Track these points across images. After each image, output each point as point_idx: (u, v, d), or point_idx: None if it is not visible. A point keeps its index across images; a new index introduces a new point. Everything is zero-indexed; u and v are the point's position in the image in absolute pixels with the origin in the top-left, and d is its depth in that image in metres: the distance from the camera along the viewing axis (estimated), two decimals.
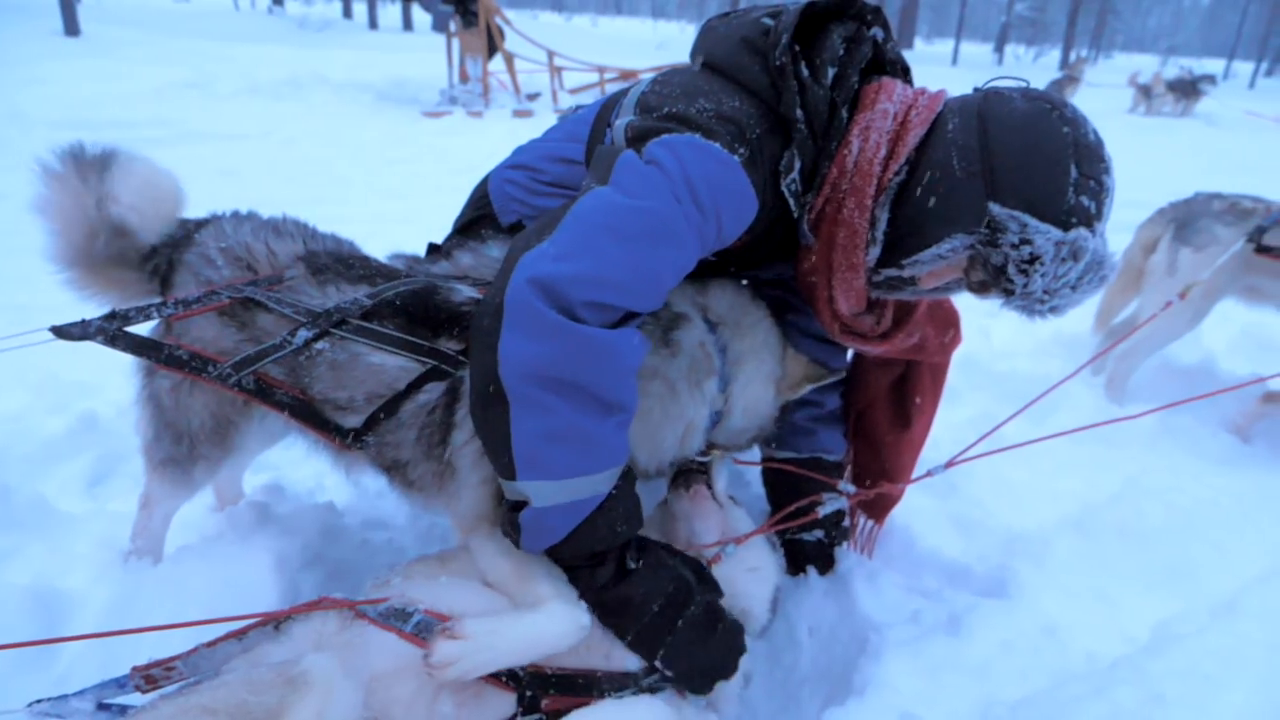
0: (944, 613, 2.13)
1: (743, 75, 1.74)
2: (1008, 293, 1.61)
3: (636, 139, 1.66)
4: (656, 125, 1.65)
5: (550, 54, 13.49)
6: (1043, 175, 1.53)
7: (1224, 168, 11.25)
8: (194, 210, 2.03)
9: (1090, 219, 1.53)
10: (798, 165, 1.71)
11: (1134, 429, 3.39)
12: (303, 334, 1.81)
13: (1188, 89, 19.37)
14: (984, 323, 4.32)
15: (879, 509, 2.47)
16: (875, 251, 1.74)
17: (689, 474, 2.01)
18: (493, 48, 12.47)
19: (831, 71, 1.73)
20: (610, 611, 1.61)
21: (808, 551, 2.37)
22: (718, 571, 1.80)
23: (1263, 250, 3.38)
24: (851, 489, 2.26)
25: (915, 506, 2.66)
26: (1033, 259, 1.53)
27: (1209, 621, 1.99)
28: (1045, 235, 1.51)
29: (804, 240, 1.84)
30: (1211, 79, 19.42)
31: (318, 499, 2.55)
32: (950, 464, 2.31)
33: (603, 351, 1.47)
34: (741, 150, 1.63)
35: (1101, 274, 1.59)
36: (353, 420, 1.85)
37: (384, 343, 1.80)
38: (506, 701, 1.55)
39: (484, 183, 2.33)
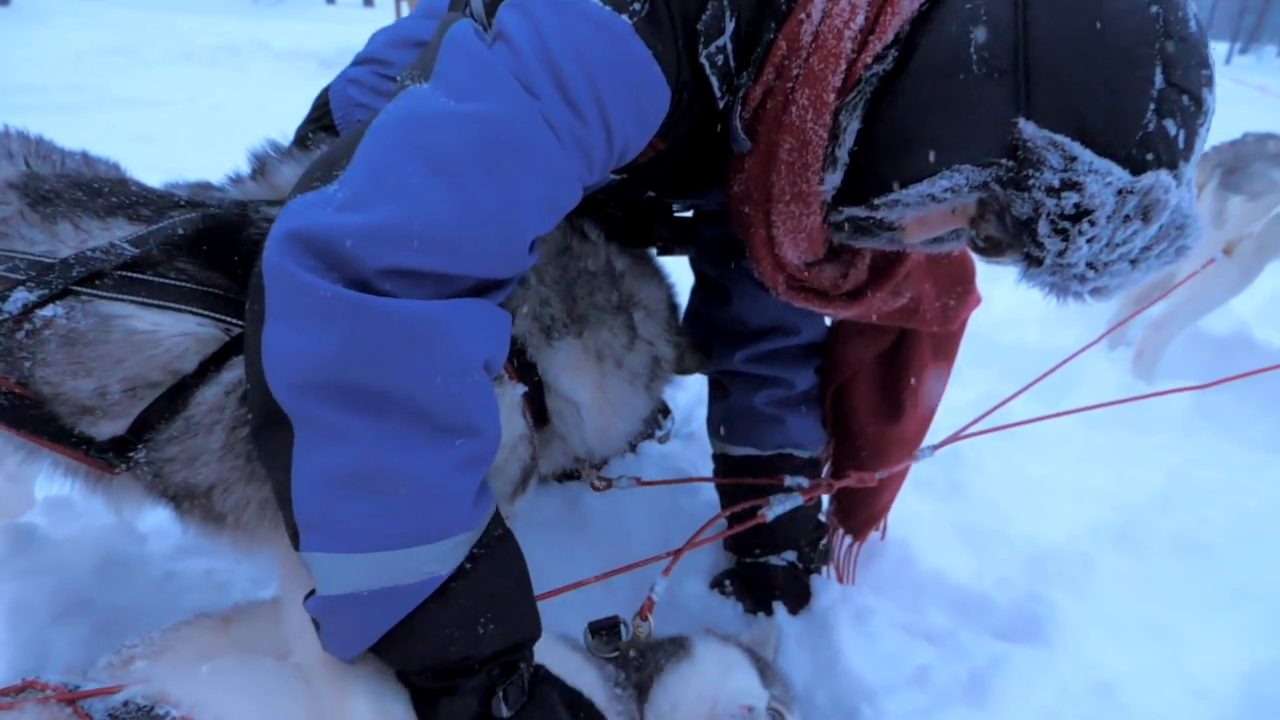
0: (961, 669, 1.55)
1: None
2: (1033, 260, 1.05)
3: (494, 2, 1.11)
4: None
5: None
6: (1108, 81, 0.97)
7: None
8: None
9: (1175, 157, 0.98)
10: (729, 27, 1.12)
11: (1165, 412, 2.88)
12: (19, 297, 1.18)
13: None
14: (983, 288, 3.73)
15: (858, 519, 1.88)
16: (835, 178, 1.15)
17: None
18: None
19: None
20: None
21: (774, 580, 1.77)
22: None
23: None
24: (804, 482, 1.67)
25: (910, 514, 2.07)
26: (1080, 213, 0.98)
27: None
28: (1103, 178, 0.96)
29: (736, 146, 1.24)
30: None
31: (110, 518, 1.91)
32: (940, 445, 1.78)
33: (421, 335, 0.92)
34: (636, 5, 1.04)
35: (1181, 243, 1.03)
36: (110, 427, 1.21)
37: (157, 298, 1.18)
38: None
39: (326, 89, 1.72)
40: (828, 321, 1.77)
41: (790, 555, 1.79)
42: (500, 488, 1.30)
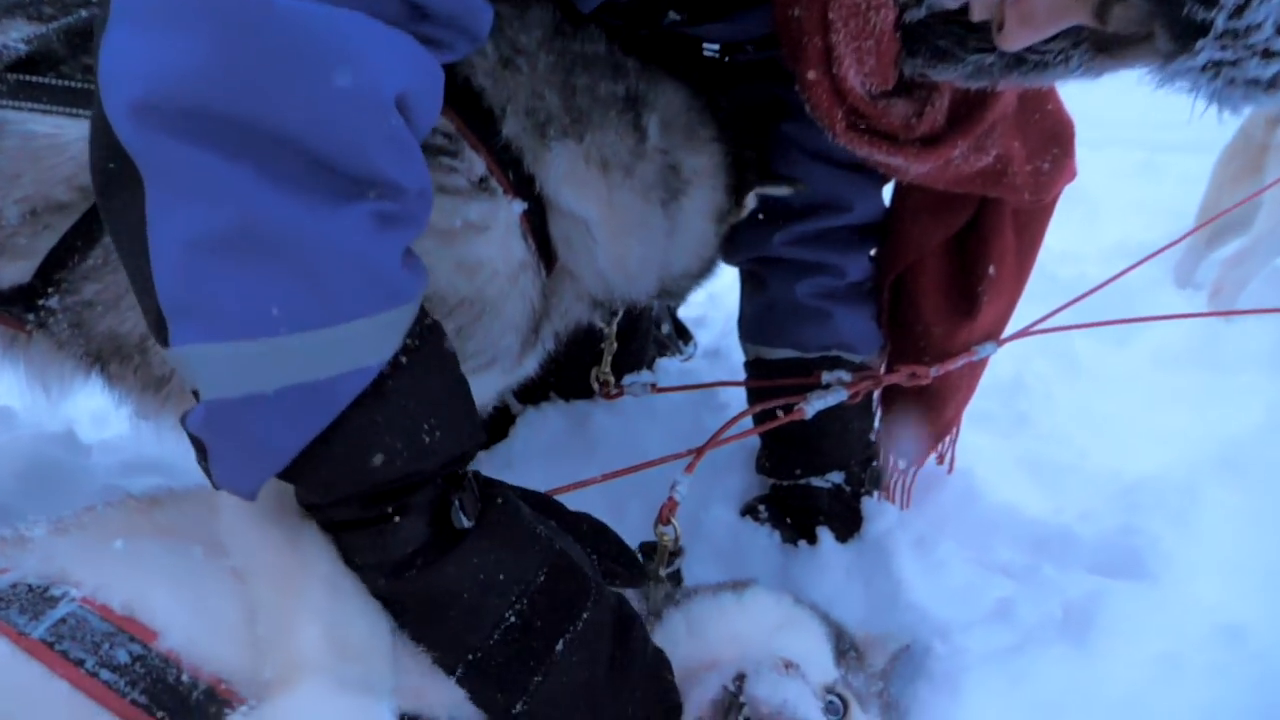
0: (1053, 604, 1.26)
1: None
2: (1193, 31, 0.76)
3: None
4: None
5: None
6: None
7: None
8: None
9: None
10: None
11: (1249, 350, 2.57)
12: None
13: None
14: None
15: (915, 440, 1.60)
16: None
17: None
18: None
19: None
20: (419, 617, 0.79)
21: (817, 503, 1.49)
22: None
23: None
24: (847, 377, 1.40)
25: (969, 446, 1.77)
26: None
27: None
28: None
29: None
30: None
31: (54, 426, 1.66)
32: (1009, 339, 1.55)
33: (316, 48, 0.69)
34: None
35: None
36: (12, 270, 1.00)
37: (60, 103, 0.97)
38: None
39: None
40: (886, 200, 1.48)
41: (836, 477, 1.51)
42: (503, 338, 1.07)
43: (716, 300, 2.48)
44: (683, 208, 1.24)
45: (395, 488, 0.75)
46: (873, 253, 1.49)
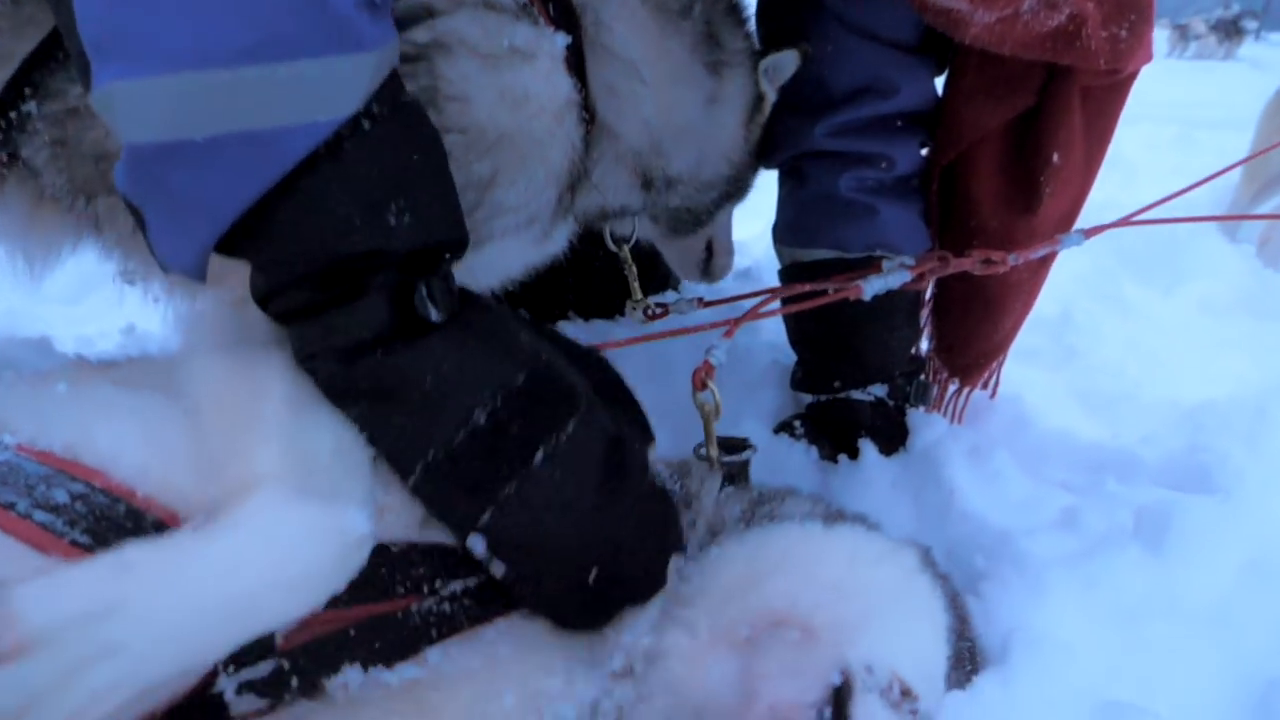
0: (1123, 513, 1.14)
1: None
2: None
3: None
4: None
5: None
6: None
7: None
8: None
9: None
10: None
11: None
12: None
13: (1230, 29, 18.08)
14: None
15: (966, 357, 1.49)
16: None
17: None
18: None
19: None
20: (373, 411, 0.69)
21: (859, 416, 1.38)
22: None
23: None
24: (910, 261, 1.28)
25: (1018, 378, 1.67)
26: None
27: None
28: None
29: None
30: (1255, 14, 18.18)
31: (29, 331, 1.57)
32: (1097, 231, 1.43)
33: None
34: None
35: None
36: None
37: None
38: None
39: None
40: (939, 89, 1.37)
41: (879, 390, 1.40)
42: (545, 191, 0.99)
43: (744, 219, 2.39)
44: (723, 85, 1.17)
45: (353, 267, 0.66)
46: (923, 145, 1.37)
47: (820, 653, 0.68)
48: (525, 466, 0.66)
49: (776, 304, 1.36)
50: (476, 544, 0.66)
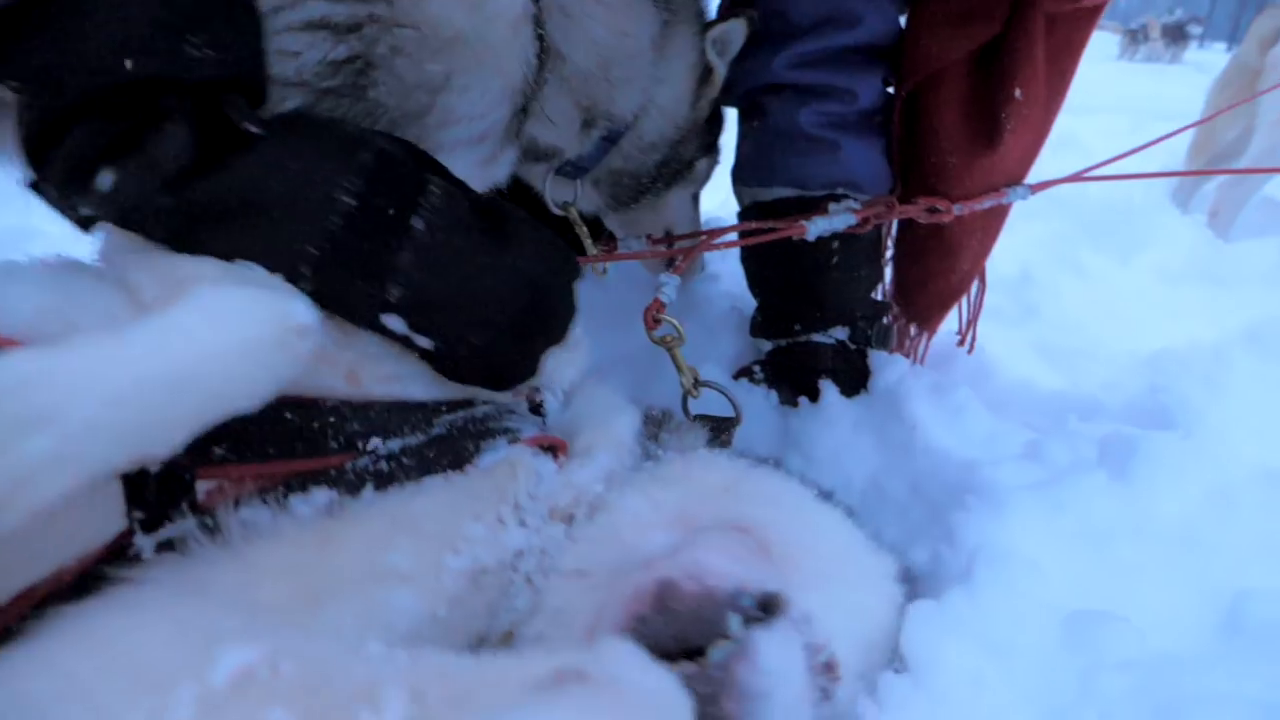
0: (1086, 445, 1.12)
1: None
2: None
3: None
4: None
5: None
6: None
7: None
8: None
9: None
10: None
11: (1246, 267, 2.51)
12: None
13: (1176, 33, 18.61)
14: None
15: (926, 300, 1.46)
16: None
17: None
18: None
19: None
20: (237, 229, 0.65)
21: (819, 359, 1.34)
22: None
23: None
24: (856, 204, 1.25)
25: (981, 333, 1.64)
26: None
27: None
28: None
29: None
30: (1199, 20, 18.76)
31: None
32: (1044, 186, 1.38)
33: None
34: None
35: None
36: None
37: None
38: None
39: None
40: (902, 21, 1.33)
41: (840, 332, 1.37)
42: (498, 107, 0.96)
43: None
44: (669, 39, 1.14)
45: (142, 93, 0.60)
46: (886, 82, 1.34)
47: (768, 565, 0.65)
48: (408, 235, 0.66)
49: (731, 239, 1.33)
50: (392, 322, 0.65)
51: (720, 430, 1.03)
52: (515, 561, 0.62)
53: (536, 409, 0.76)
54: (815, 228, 1.18)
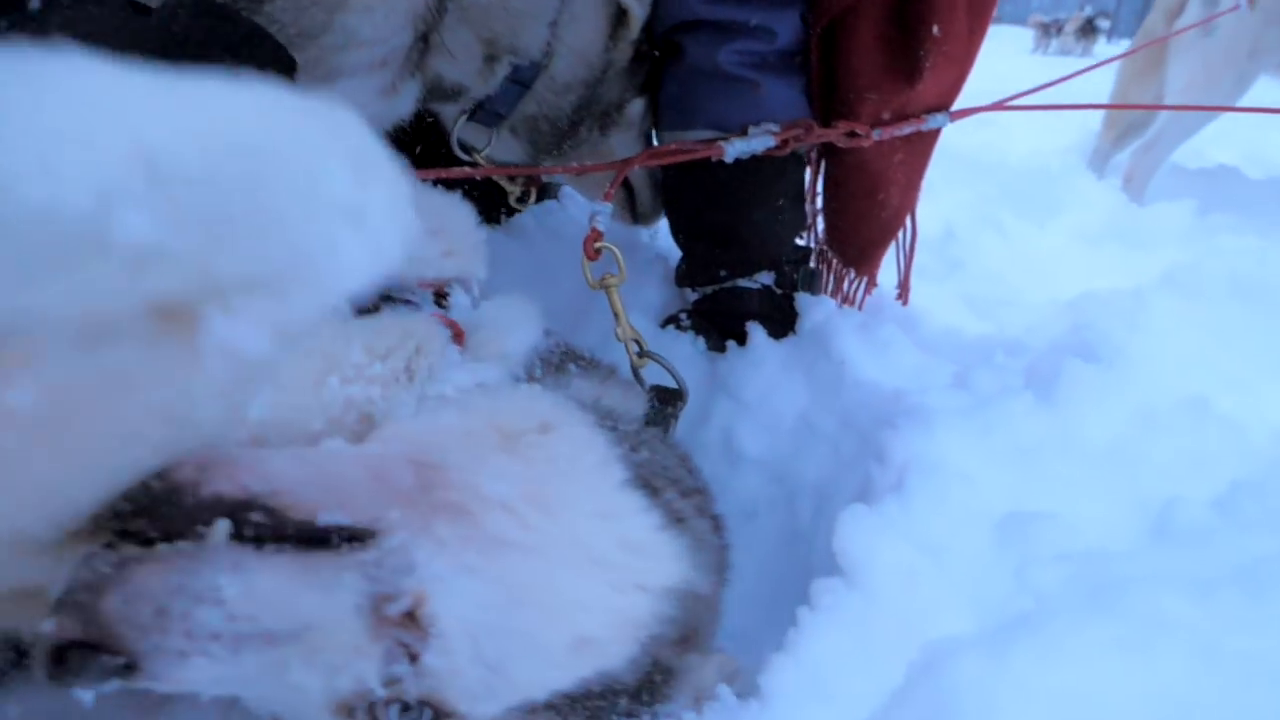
0: (1013, 374, 1.11)
1: None
2: None
3: None
4: None
5: None
6: None
7: None
8: None
9: None
10: None
11: (1159, 228, 2.58)
12: None
13: (1086, 27, 19.37)
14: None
15: (856, 245, 1.45)
16: None
17: None
18: None
19: None
20: None
21: (746, 304, 1.31)
22: None
23: None
24: (775, 127, 1.22)
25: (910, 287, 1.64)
26: None
27: None
28: None
29: None
30: (1106, 14, 19.56)
31: None
32: (963, 114, 1.37)
33: None
34: None
35: None
36: None
37: None
38: None
39: None
40: None
41: (766, 278, 1.34)
42: (401, 33, 0.95)
43: None
44: None
45: None
46: (805, 18, 1.31)
47: (396, 509, 0.54)
48: None
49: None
50: None
51: (667, 401, 0.99)
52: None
53: (440, 300, 0.71)
54: (733, 149, 1.16)
